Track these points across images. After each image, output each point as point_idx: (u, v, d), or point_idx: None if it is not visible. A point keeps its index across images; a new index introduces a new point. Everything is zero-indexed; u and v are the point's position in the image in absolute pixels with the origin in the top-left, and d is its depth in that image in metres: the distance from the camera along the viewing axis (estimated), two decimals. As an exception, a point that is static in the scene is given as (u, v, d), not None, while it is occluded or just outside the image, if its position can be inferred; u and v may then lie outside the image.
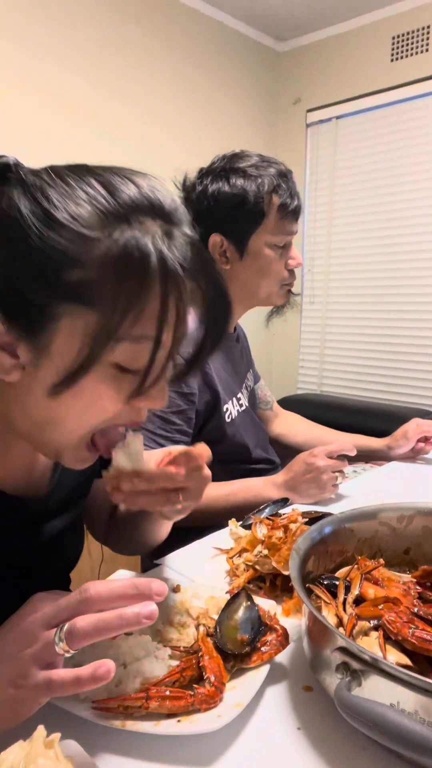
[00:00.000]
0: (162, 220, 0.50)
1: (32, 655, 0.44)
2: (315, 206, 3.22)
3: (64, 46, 2.27)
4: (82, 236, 0.46)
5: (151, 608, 0.44)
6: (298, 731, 0.51)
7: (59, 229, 0.46)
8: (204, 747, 0.49)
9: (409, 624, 0.53)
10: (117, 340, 0.48)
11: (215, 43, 2.89)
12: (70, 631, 0.43)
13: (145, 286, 0.47)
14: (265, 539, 0.79)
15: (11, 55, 2.12)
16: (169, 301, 0.48)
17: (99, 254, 0.46)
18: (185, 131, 2.79)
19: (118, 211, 0.47)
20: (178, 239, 0.50)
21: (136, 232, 0.47)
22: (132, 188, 0.49)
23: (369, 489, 1.17)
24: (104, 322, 0.47)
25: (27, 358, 0.50)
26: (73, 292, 0.47)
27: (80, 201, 0.47)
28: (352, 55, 2.94)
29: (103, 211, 0.47)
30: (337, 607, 0.58)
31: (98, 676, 0.41)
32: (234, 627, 0.59)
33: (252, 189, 1.10)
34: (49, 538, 0.68)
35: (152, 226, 0.49)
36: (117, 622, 0.43)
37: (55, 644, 0.43)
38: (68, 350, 0.48)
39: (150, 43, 2.59)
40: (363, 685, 0.47)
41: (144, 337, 0.49)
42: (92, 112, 2.38)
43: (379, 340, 3.03)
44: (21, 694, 0.43)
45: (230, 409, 1.20)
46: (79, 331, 0.48)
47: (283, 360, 3.46)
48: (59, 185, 0.48)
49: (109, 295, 0.47)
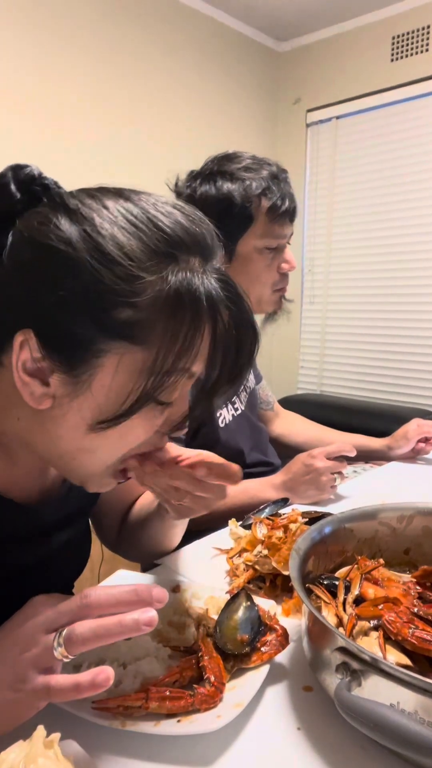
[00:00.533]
0: (201, 257, 0.50)
1: (31, 659, 0.43)
2: (315, 206, 3.22)
3: (64, 45, 2.27)
4: (135, 276, 0.46)
5: (150, 614, 0.43)
6: (298, 731, 0.51)
7: (111, 265, 0.45)
8: (204, 747, 0.49)
9: (409, 624, 0.53)
10: (171, 376, 0.48)
11: (215, 43, 2.89)
12: (68, 636, 0.43)
13: (199, 328, 0.48)
14: (265, 539, 0.79)
15: (12, 55, 2.12)
16: (218, 341, 0.50)
17: (151, 294, 0.46)
18: (185, 131, 2.79)
19: (166, 250, 0.47)
20: (215, 275, 0.50)
21: (186, 273, 0.47)
22: (173, 221, 0.49)
23: (369, 489, 1.17)
24: (157, 362, 0.47)
25: (61, 389, 0.49)
26: (123, 331, 0.46)
27: (127, 234, 0.47)
28: (352, 55, 2.93)
29: (152, 248, 0.47)
30: (337, 607, 0.58)
31: (97, 682, 0.41)
32: (234, 627, 0.59)
33: (239, 192, 1.07)
34: (58, 546, 0.68)
35: (195, 263, 0.49)
36: (116, 628, 0.43)
37: (53, 649, 0.43)
38: (114, 388, 0.48)
39: (150, 44, 2.59)
40: (363, 685, 0.47)
41: (193, 374, 0.50)
42: (91, 111, 2.38)
43: (379, 340, 3.03)
44: (19, 697, 0.43)
45: (224, 414, 1.19)
46: (128, 369, 0.48)
47: (283, 360, 3.46)
48: (104, 214, 0.47)
49: (161, 335, 0.46)
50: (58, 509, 0.66)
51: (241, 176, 1.09)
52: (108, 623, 0.43)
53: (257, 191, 1.08)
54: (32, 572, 0.65)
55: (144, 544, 0.80)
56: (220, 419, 1.18)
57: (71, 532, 0.70)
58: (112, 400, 0.48)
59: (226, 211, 1.08)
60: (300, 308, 3.35)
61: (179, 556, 0.86)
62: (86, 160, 2.31)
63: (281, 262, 1.16)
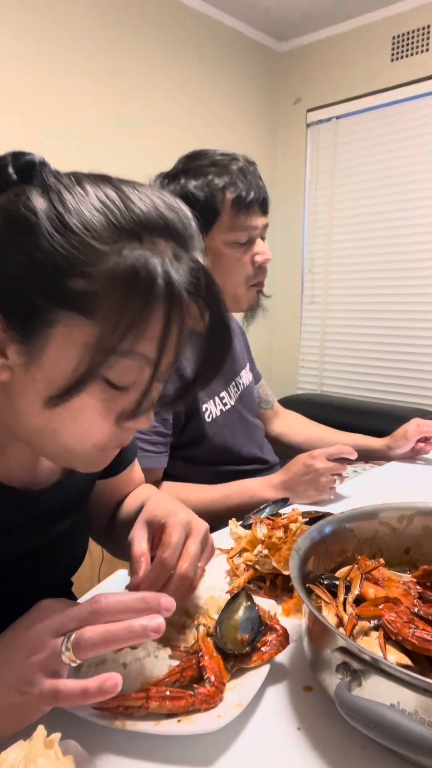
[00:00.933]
0: (174, 243, 0.49)
1: (39, 662, 0.44)
2: (315, 206, 3.22)
3: (63, 45, 2.27)
4: (91, 247, 0.45)
5: (158, 621, 0.44)
6: (298, 731, 0.51)
7: (69, 234, 0.45)
8: (204, 747, 0.49)
9: (410, 624, 0.53)
10: (117, 355, 0.47)
11: (215, 42, 2.89)
12: (77, 641, 0.43)
13: (149, 307, 0.47)
14: (265, 539, 0.79)
15: (11, 54, 2.12)
16: (171, 325, 0.48)
17: (106, 268, 0.46)
18: (185, 131, 2.79)
19: (131, 227, 0.47)
20: (187, 263, 0.49)
21: (147, 252, 0.47)
22: (149, 205, 0.48)
23: (369, 489, 1.17)
24: (103, 337, 0.46)
25: (17, 360, 0.49)
26: (74, 300, 0.46)
27: (94, 210, 0.46)
28: (352, 55, 2.94)
29: (115, 224, 0.46)
30: (338, 607, 0.58)
31: (105, 689, 0.42)
32: (234, 627, 0.59)
33: (200, 187, 1.07)
34: (56, 535, 0.68)
35: (164, 248, 0.48)
36: (125, 634, 0.43)
37: (61, 653, 0.43)
38: (62, 361, 0.48)
39: (149, 43, 2.59)
40: (363, 685, 0.47)
41: (142, 357, 0.48)
42: (90, 111, 2.38)
43: (379, 340, 3.03)
44: (25, 700, 0.44)
45: (210, 408, 1.19)
46: (75, 342, 0.47)
47: (283, 360, 3.46)
48: (77, 191, 0.47)
49: (111, 310, 0.46)
50: (58, 496, 0.67)
51: (205, 171, 1.09)
52: (116, 629, 0.44)
53: (220, 184, 1.08)
54: (30, 560, 0.65)
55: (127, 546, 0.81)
56: (207, 414, 1.17)
57: (69, 521, 0.70)
58: (61, 374, 0.48)
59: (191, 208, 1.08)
60: (300, 308, 3.35)
61: (179, 556, 0.85)
62: (85, 159, 2.31)
63: (254, 254, 1.15)
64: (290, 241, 3.32)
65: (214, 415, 1.19)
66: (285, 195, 3.32)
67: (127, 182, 0.51)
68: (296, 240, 3.31)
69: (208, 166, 1.09)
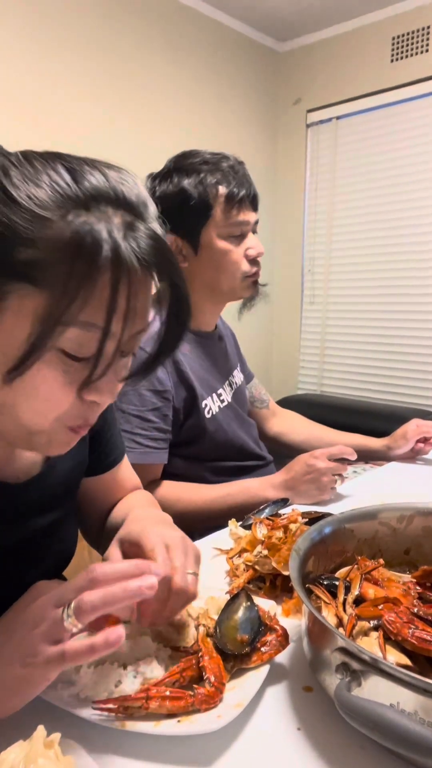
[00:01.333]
0: (125, 212, 0.49)
1: (41, 633, 0.45)
2: (315, 206, 3.22)
3: (63, 45, 2.27)
4: (35, 216, 0.46)
5: (152, 580, 0.47)
6: (298, 731, 0.51)
7: (14, 206, 0.46)
8: (204, 747, 0.49)
9: (409, 624, 0.53)
10: (65, 324, 0.47)
11: (215, 43, 2.89)
12: (78, 605, 0.45)
13: (95, 273, 0.46)
14: (265, 539, 0.79)
15: (10, 54, 2.12)
16: (119, 291, 0.47)
17: (51, 235, 0.45)
18: (185, 131, 2.79)
19: (78, 197, 0.47)
20: (140, 232, 0.49)
21: (92, 218, 0.46)
22: (99, 177, 0.49)
23: (369, 489, 1.17)
24: (52, 305, 0.46)
25: None
26: (22, 271, 0.46)
27: (42, 183, 0.47)
28: (352, 55, 2.94)
29: (62, 194, 0.46)
30: (337, 607, 0.58)
31: (111, 641, 0.44)
32: (234, 627, 0.59)
33: (193, 184, 1.11)
34: (38, 530, 0.69)
35: (113, 216, 0.48)
36: (122, 593, 0.46)
37: (63, 620, 0.45)
38: (16, 332, 0.48)
39: (150, 44, 2.59)
40: (363, 685, 0.47)
41: (92, 325, 0.48)
42: (91, 111, 2.38)
43: (379, 340, 3.03)
44: (29, 672, 0.45)
45: (210, 405, 1.20)
46: (28, 312, 0.47)
47: (283, 360, 3.46)
48: (25, 167, 0.48)
49: (58, 278, 0.46)
50: (38, 490, 0.67)
51: (197, 169, 1.12)
52: (114, 589, 0.46)
53: (213, 181, 1.11)
54: (12, 555, 0.66)
55: None
56: (206, 410, 1.18)
57: (54, 515, 0.71)
58: (16, 346, 0.48)
59: (184, 203, 1.11)
60: (300, 308, 3.35)
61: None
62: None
63: (247, 249, 1.18)
64: (290, 241, 3.32)
65: (213, 411, 1.20)
66: (285, 195, 3.32)
67: (81, 158, 0.51)
68: (296, 240, 3.31)
69: (199, 164, 1.12)
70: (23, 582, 0.53)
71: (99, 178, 0.48)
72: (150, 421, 1.09)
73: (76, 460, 0.74)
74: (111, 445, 0.82)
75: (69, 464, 0.72)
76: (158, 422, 1.10)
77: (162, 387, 1.10)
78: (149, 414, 1.09)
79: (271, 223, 3.35)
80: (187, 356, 1.17)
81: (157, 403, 1.10)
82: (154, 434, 1.09)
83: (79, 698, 0.52)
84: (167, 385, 1.11)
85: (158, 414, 1.10)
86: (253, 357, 3.61)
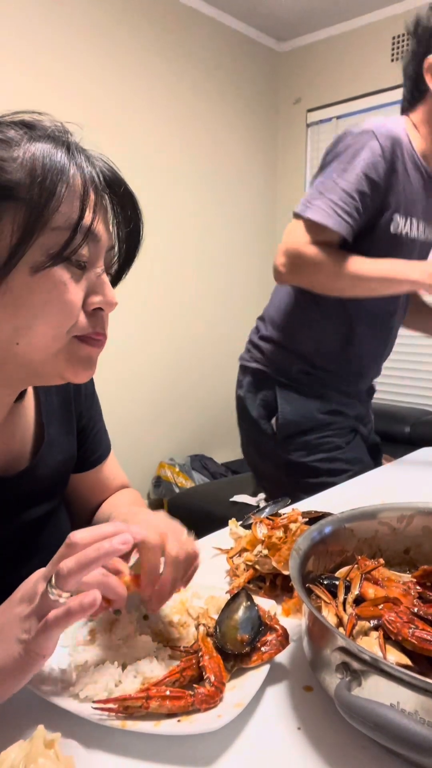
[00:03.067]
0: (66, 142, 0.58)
1: (34, 610, 0.47)
2: (315, 206, 3.22)
3: (63, 45, 2.27)
4: (8, 148, 0.54)
5: (124, 537, 0.48)
6: (298, 731, 0.51)
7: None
8: (204, 747, 0.49)
9: (409, 624, 0.53)
10: (44, 225, 0.53)
11: (215, 43, 2.89)
12: (57, 573, 0.46)
13: (65, 178, 0.54)
14: (265, 539, 0.79)
15: (10, 54, 2.12)
16: (87, 191, 0.55)
17: (23, 158, 0.53)
18: (185, 131, 2.79)
19: (36, 134, 0.56)
20: (87, 151, 0.58)
21: (51, 143, 0.55)
22: (56, 123, 0.59)
23: (369, 489, 1.17)
24: (31, 209, 0.53)
25: None
26: (3, 193, 0.52)
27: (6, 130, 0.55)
28: (352, 55, 2.94)
29: (23, 134, 0.55)
30: (337, 607, 0.58)
31: (85, 604, 0.45)
32: (234, 627, 0.59)
33: None
34: (30, 523, 0.69)
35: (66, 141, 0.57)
36: (95, 553, 0.47)
37: (49, 592, 0.46)
38: (6, 243, 0.53)
39: (150, 43, 2.59)
40: (363, 685, 0.47)
41: (69, 224, 0.54)
42: (91, 111, 2.38)
43: (379, 340, 3.03)
44: (27, 648, 0.46)
45: (399, 222, 1.23)
46: (14, 223, 0.53)
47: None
48: None
49: (32, 188, 0.53)
50: (25, 484, 0.68)
51: None
52: (87, 551, 0.47)
53: None
54: (5, 547, 0.67)
55: None
56: (392, 225, 1.23)
57: (42, 509, 0.72)
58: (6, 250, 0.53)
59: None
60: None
61: (179, 556, 0.86)
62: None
63: None
64: (290, 241, 3.32)
65: (399, 229, 1.23)
66: (285, 195, 3.32)
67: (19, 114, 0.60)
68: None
69: None
70: (18, 575, 0.53)
71: (46, 121, 0.58)
72: (353, 199, 1.17)
73: (65, 454, 0.75)
74: (97, 440, 0.83)
75: (59, 457, 0.73)
76: (358, 204, 1.17)
77: (378, 178, 1.17)
78: (356, 194, 1.17)
79: (272, 222, 3.35)
80: (404, 177, 1.21)
81: (365, 188, 1.16)
82: (349, 210, 1.16)
83: (79, 698, 0.52)
84: (381, 180, 1.17)
85: (361, 197, 1.17)
86: (253, 357, 3.58)
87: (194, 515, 2.48)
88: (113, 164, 0.61)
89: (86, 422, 0.80)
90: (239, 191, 3.17)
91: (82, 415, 0.79)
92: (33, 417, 0.72)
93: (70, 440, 0.77)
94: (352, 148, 1.17)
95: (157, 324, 2.94)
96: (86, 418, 0.80)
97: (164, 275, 2.91)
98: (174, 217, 2.85)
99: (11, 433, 0.68)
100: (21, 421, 0.70)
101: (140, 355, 2.89)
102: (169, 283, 2.95)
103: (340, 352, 1.37)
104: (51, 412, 0.74)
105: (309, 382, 1.37)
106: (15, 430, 0.68)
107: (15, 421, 0.68)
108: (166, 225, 2.83)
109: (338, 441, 1.37)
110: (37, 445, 0.71)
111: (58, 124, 0.59)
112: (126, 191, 0.61)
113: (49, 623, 0.45)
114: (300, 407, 1.35)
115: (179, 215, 2.88)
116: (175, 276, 2.97)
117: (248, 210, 3.24)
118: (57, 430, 0.74)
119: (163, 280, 2.91)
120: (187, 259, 3.01)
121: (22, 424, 0.70)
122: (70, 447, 0.76)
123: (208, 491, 2.72)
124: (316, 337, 1.35)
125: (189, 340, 3.10)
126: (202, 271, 3.09)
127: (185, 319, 3.06)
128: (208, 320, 3.18)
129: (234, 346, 3.24)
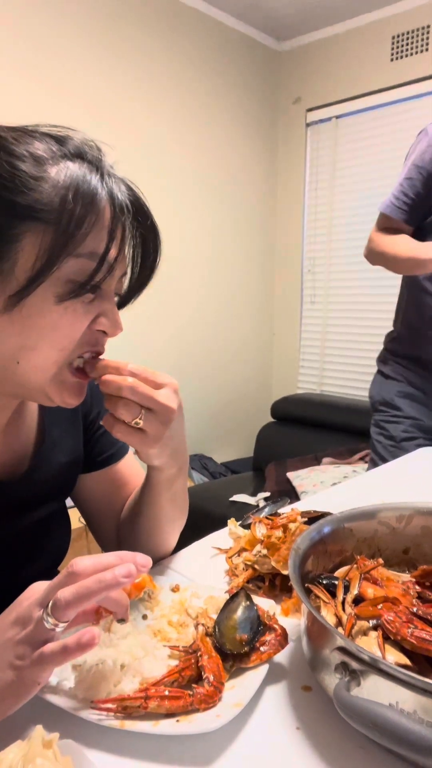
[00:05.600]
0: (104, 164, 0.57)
1: (27, 636, 0.45)
2: (315, 206, 3.22)
3: (63, 45, 2.27)
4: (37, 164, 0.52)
5: (128, 568, 0.46)
6: (297, 731, 0.51)
7: (17, 159, 0.51)
8: (203, 747, 0.49)
9: (408, 624, 0.53)
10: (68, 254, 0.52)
11: (215, 42, 2.89)
12: (54, 603, 0.44)
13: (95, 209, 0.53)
14: (264, 539, 0.79)
15: (10, 54, 2.12)
16: (116, 225, 0.55)
17: (52, 180, 0.52)
18: (185, 130, 2.79)
19: (68, 151, 0.55)
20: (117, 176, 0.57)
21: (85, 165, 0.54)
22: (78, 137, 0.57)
23: (369, 489, 1.17)
24: (58, 236, 0.52)
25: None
26: (29, 213, 0.51)
27: (34, 142, 0.54)
28: (352, 54, 2.93)
29: (53, 149, 0.54)
30: (336, 606, 0.58)
31: (83, 643, 0.43)
32: (233, 627, 0.59)
33: None
34: (31, 525, 0.69)
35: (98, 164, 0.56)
36: (96, 585, 0.45)
37: (44, 620, 0.44)
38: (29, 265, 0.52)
39: (150, 43, 2.59)
40: (362, 685, 0.47)
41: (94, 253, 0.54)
42: (91, 110, 2.38)
43: (380, 340, 3.02)
44: (20, 675, 0.45)
45: None
46: (38, 246, 0.52)
47: (283, 360, 3.46)
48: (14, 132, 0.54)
49: (61, 215, 0.51)
50: (25, 488, 0.68)
51: None
52: (87, 582, 0.45)
53: None
54: (7, 551, 0.66)
55: (142, 544, 0.80)
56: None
57: (45, 511, 0.71)
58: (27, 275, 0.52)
59: None
60: (300, 308, 3.35)
61: (179, 556, 0.86)
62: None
63: None
64: (290, 241, 3.32)
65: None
66: (285, 194, 3.32)
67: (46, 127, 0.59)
68: (296, 239, 3.31)
69: None
70: (18, 579, 0.53)
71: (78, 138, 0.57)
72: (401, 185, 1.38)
73: (71, 455, 0.74)
74: (105, 439, 0.82)
75: (63, 459, 0.73)
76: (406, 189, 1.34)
77: (422, 163, 1.32)
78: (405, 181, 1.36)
79: (271, 223, 3.35)
80: None
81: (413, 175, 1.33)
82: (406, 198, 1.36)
83: (77, 698, 0.52)
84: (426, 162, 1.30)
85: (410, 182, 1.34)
86: (253, 357, 3.61)
87: (193, 515, 2.47)
88: (141, 193, 0.60)
89: (94, 416, 0.79)
90: (238, 190, 3.17)
91: (87, 415, 0.79)
92: (36, 420, 0.72)
93: (76, 442, 0.76)
94: (412, 147, 1.41)
95: (157, 324, 2.94)
96: (92, 417, 0.80)
97: (162, 275, 2.90)
98: (171, 216, 2.85)
99: (15, 436, 0.68)
100: (24, 425, 0.70)
101: (140, 355, 2.89)
102: (168, 283, 2.95)
103: None
104: (55, 414, 0.73)
105: None
106: (18, 433, 0.68)
107: (18, 425, 0.68)
108: (164, 224, 2.81)
109: None
110: (38, 448, 0.71)
111: (90, 142, 0.58)
112: (151, 224, 0.61)
113: (44, 657, 0.44)
114: None
115: (177, 214, 2.88)
116: (173, 276, 2.97)
117: (247, 208, 3.24)
118: (61, 432, 0.74)
119: (162, 281, 2.91)
120: (186, 259, 3.01)
121: (25, 428, 0.70)
122: (76, 448, 0.76)
123: (207, 491, 2.72)
124: None
125: (188, 340, 3.10)
126: (200, 270, 3.09)
127: (184, 320, 3.06)
128: (208, 320, 3.18)
129: (234, 346, 3.25)
